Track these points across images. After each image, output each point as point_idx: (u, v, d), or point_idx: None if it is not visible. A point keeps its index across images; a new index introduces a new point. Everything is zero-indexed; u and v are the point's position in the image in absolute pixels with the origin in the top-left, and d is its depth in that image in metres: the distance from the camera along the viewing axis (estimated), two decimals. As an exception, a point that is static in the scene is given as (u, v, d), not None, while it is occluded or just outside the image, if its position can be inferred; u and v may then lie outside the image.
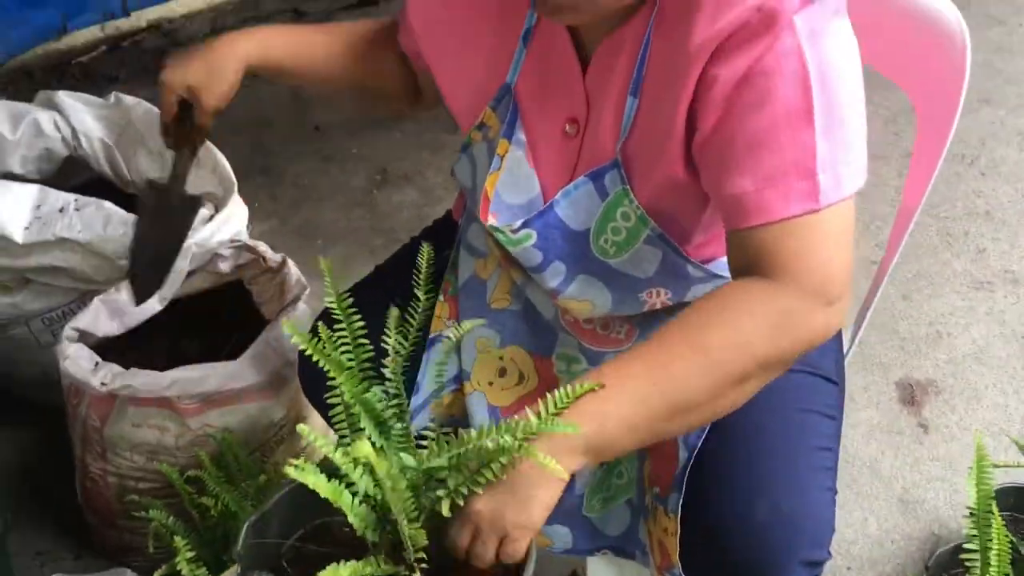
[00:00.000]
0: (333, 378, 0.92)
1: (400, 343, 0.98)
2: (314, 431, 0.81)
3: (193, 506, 1.37)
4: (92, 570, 1.54)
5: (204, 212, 1.49)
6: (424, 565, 0.88)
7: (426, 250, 1.03)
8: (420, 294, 1.01)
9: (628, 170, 0.99)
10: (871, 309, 1.28)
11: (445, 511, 0.86)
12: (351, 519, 0.84)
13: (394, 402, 0.96)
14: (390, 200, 2.36)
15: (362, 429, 0.94)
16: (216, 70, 1.19)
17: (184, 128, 1.30)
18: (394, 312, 0.99)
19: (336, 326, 0.96)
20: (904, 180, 2.34)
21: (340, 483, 0.82)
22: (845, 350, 1.28)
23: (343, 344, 0.95)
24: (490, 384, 1.16)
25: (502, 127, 1.05)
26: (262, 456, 1.47)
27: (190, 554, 1.26)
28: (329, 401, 0.93)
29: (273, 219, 2.29)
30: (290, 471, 0.78)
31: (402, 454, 0.91)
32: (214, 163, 1.60)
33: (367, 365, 0.96)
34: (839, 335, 1.20)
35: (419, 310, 1.01)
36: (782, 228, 0.88)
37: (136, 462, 1.42)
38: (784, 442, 1.03)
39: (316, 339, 0.92)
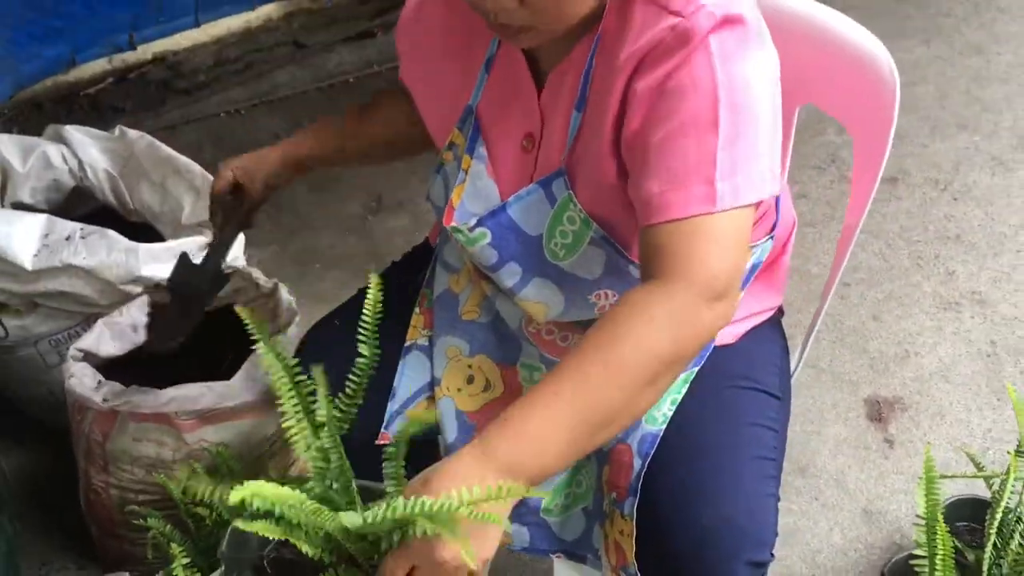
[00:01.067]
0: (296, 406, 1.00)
1: (346, 405, 1.03)
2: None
3: (189, 516, 1.45)
4: (96, 579, 1.63)
5: (201, 239, 1.59)
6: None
7: (373, 296, 1.05)
8: (364, 350, 1.04)
9: (572, 177, 1.08)
10: (815, 328, 1.37)
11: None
12: (305, 549, 0.90)
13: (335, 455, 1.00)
14: (384, 226, 2.45)
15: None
16: (263, 155, 1.37)
17: (230, 211, 1.41)
18: (318, 372, 1.01)
19: (274, 375, 1.02)
20: (878, 205, 2.44)
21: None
22: (793, 367, 1.36)
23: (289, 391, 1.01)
24: (459, 390, 1.26)
25: (466, 144, 1.15)
26: (256, 469, 1.55)
27: (185, 560, 1.34)
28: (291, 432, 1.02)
29: (274, 245, 2.38)
30: (238, 524, 0.84)
31: (342, 515, 0.91)
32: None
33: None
34: (785, 356, 1.28)
35: (363, 367, 1.04)
36: (678, 227, 0.96)
37: (136, 475, 1.51)
38: (730, 454, 1.11)
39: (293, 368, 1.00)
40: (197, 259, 1.46)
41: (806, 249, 2.30)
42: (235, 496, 0.81)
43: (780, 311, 1.34)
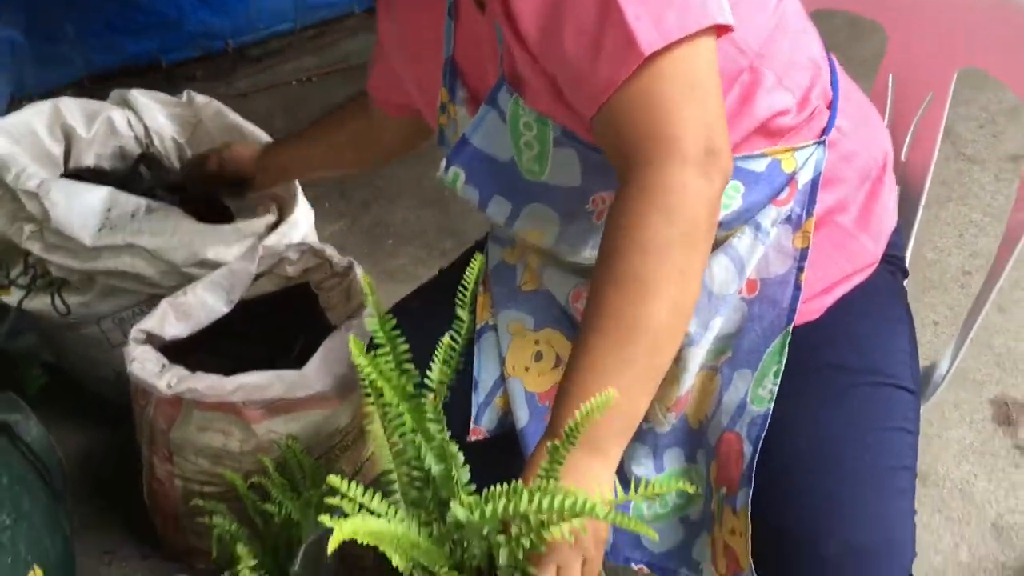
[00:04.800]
0: (381, 395, 0.88)
1: (444, 369, 0.93)
2: (344, 482, 0.78)
3: (256, 513, 1.35)
4: (158, 572, 1.54)
5: (270, 218, 1.48)
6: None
7: (477, 263, 0.99)
8: (462, 313, 0.98)
9: (516, 86, 0.98)
10: (974, 328, 1.19)
11: (503, 560, 0.82)
12: (396, 562, 0.80)
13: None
14: (461, 200, 2.32)
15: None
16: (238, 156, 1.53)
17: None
18: (445, 340, 0.96)
19: (379, 352, 0.91)
20: (1001, 185, 2.24)
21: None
22: (945, 370, 1.19)
23: (388, 369, 0.91)
24: (526, 369, 1.13)
25: (449, 96, 1.08)
26: (327, 463, 1.45)
27: (252, 562, 1.24)
28: (375, 424, 0.91)
29: (344, 219, 2.28)
30: (324, 520, 0.75)
31: (453, 504, 0.84)
32: None
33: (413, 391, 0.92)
34: (913, 337, 1.11)
35: (461, 332, 0.98)
36: (621, 101, 0.85)
37: (201, 466, 1.41)
38: (860, 468, 0.96)
39: (375, 357, 0.88)
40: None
41: (920, 233, 2.10)
42: (338, 536, 0.71)
43: (904, 272, 1.16)
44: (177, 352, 1.43)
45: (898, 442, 1.00)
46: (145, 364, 1.35)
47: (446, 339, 0.97)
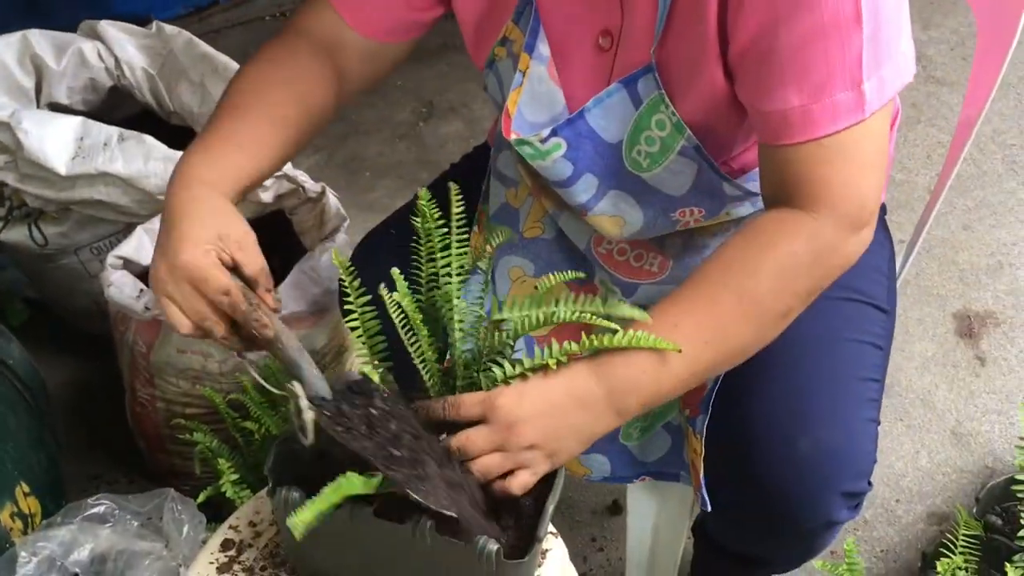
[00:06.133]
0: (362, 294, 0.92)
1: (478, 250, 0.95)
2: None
3: (237, 430, 1.39)
4: (144, 492, 1.58)
5: None
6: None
7: (453, 193, 0.93)
8: (453, 240, 0.93)
9: (664, 76, 0.92)
10: (924, 231, 1.23)
11: (484, 385, 0.85)
12: (420, 353, 0.85)
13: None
14: (436, 133, 2.34)
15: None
16: (218, 208, 0.89)
17: (249, 307, 0.88)
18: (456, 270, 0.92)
19: (345, 303, 0.94)
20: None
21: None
22: (899, 267, 1.23)
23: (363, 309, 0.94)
24: None
25: (525, 40, 0.99)
26: (305, 383, 1.48)
27: (234, 476, 1.29)
28: (353, 324, 0.94)
29: (321, 153, 2.29)
30: (384, 293, 0.84)
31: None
32: None
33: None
34: (892, 261, 1.16)
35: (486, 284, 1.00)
36: (820, 146, 0.85)
37: (182, 387, 1.45)
38: (829, 374, 1.00)
39: (352, 269, 0.91)
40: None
41: (889, 154, 2.14)
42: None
43: (883, 208, 1.20)
44: (154, 278, 1.45)
45: (867, 355, 1.03)
46: (123, 288, 1.37)
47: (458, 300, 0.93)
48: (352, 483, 0.80)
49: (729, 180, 0.99)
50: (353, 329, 0.96)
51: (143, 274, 1.45)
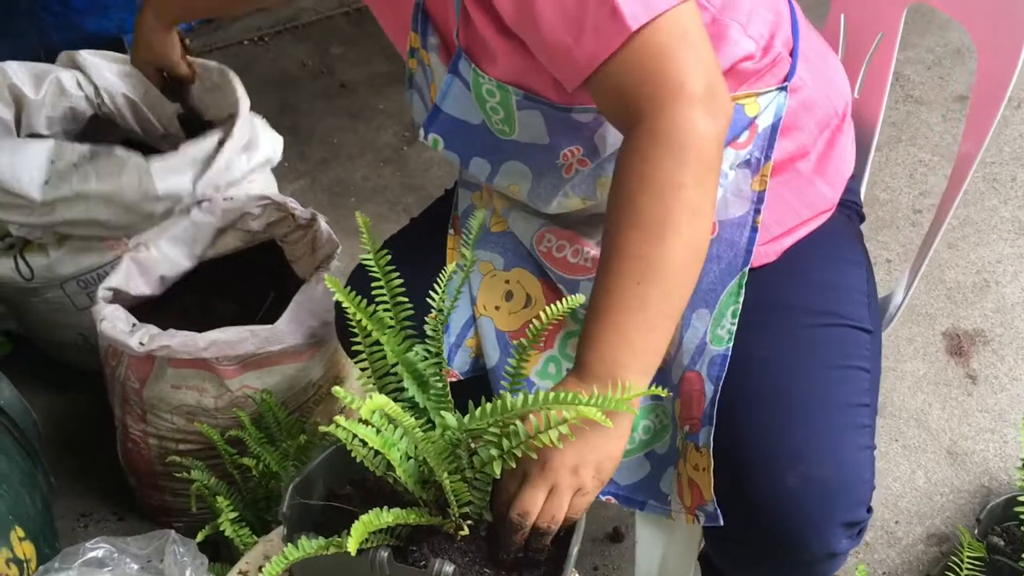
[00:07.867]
0: (369, 335, 0.90)
1: (443, 299, 0.95)
2: (349, 393, 0.79)
3: (234, 467, 1.36)
4: (135, 532, 1.54)
5: (216, 135, 1.49)
6: (470, 521, 0.87)
7: (479, 216, 1.04)
8: (467, 252, 1.00)
9: (472, 53, 1.00)
10: (925, 262, 1.23)
11: (496, 472, 0.84)
12: (399, 472, 0.82)
13: (434, 360, 0.94)
14: (420, 156, 2.32)
15: (404, 389, 0.92)
16: (150, 40, 1.47)
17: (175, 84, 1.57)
18: (449, 268, 0.97)
19: (374, 283, 0.94)
20: (949, 125, 2.29)
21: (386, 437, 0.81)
22: (899, 301, 1.23)
23: (381, 302, 0.93)
24: (496, 308, 1.15)
25: (421, 41, 1.08)
26: (300, 416, 1.46)
27: (233, 514, 1.26)
28: (362, 364, 0.93)
29: (304, 179, 2.27)
30: (339, 422, 0.78)
31: (444, 413, 0.89)
32: (212, 84, 1.62)
33: (406, 323, 0.94)
34: (871, 279, 1.15)
35: (466, 268, 1.00)
36: (617, 65, 0.88)
37: (176, 423, 1.42)
38: (818, 405, 1.00)
39: (357, 296, 0.90)
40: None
41: (872, 174, 2.15)
42: (368, 407, 0.76)
43: (861, 216, 1.20)
44: (148, 313, 1.43)
45: (855, 380, 1.03)
46: (115, 323, 1.34)
47: (449, 269, 0.99)
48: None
49: (575, 108, 1.01)
50: (355, 354, 0.95)
51: (135, 306, 1.42)
